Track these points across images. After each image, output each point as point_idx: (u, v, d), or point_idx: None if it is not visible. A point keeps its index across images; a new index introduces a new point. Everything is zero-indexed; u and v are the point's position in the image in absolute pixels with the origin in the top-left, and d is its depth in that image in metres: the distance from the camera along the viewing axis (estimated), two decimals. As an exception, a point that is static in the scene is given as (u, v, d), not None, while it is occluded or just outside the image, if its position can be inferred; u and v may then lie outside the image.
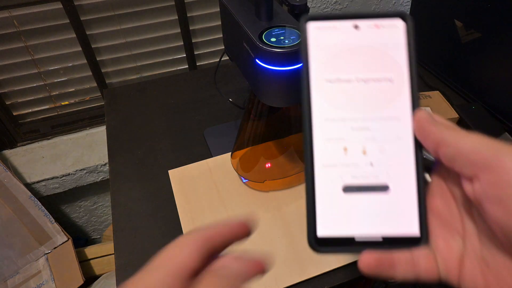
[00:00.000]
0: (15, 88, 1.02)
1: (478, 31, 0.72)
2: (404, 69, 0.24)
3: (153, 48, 1.06)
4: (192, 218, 0.59)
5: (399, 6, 1.16)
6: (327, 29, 0.25)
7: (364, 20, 0.24)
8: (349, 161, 0.24)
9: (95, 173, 1.09)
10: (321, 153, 0.24)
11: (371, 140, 0.24)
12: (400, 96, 0.24)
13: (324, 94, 0.24)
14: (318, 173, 0.24)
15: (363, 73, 0.24)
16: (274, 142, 0.64)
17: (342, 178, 0.24)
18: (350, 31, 0.24)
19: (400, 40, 0.24)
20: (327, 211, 0.24)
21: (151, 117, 0.80)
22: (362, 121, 0.24)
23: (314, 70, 0.24)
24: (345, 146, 0.24)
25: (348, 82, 0.24)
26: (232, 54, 0.62)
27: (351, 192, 0.24)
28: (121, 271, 0.55)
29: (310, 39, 0.25)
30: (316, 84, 0.24)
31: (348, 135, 0.24)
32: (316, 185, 0.24)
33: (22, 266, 0.94)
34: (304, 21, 0.25)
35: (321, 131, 0.24)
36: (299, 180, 0.63)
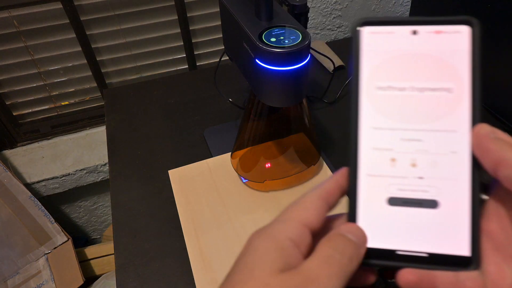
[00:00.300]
0: (15, 88, 1.02)
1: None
2: (465, 79, 0.22)
3: (153, 48, 1.06)
4: (192, 218, 0.59)
5: (399, 6, 1.16)
6: (383, 34, 0.24)
7: (423, 26, 0.23)
8: (397, 173, 0.23)
9: (95, 173, 1.09)
10: (366, 162, 0.23)
11: (422, 152, 0.23)
12: (458, 108, 0.22)
13: (374, 102, 0.23)
14: (362, 182, 0.23)
15: (418, 82, 0.23)
16: (274, 142, 0.64)
17: (388, 189, 0.23)
18: (407, 37, 0.23)
19: (463, 47, 0.22)
20: (369, 222, 0.23)
21: (151, 117, 0.80)
22: (414, 132, 0.23)
23: (365, 76, 0.23)
24: (393, 157, 0.23)
25: (401, 91, 0.23)
26: (232, 54, 0.62)
27: (396, 205, 0.23)
28: (121, 271, 0.55)
29: (363, 44, 0.24)
30: (367, 90, 0.23)
31: (397, 146, 0.23)
32: (359, 194, 0.23)
33: (22, 266, 0.94)
34: (358, 26, 0.24)
35: (368, 139, 0.23)
36: (299, 180, 0.63)
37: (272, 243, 0.21)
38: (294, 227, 0.22)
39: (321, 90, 0.84)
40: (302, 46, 0.45)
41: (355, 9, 1.12)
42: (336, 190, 0.24)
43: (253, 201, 0.61)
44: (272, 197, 0.61)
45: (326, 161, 0.67)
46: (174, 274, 0.54)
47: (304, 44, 0.46)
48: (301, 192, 0.65)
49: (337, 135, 0.74)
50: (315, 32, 1.13)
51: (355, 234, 0.22)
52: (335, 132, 0.74)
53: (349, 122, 0.24)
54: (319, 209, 0.23)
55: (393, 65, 0.23)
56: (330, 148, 0.71)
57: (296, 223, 0.22)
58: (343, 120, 0.77)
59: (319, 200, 0.23)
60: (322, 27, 1.12)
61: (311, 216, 0.22)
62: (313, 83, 0.87)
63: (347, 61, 0.93)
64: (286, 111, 0.59)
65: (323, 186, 0.24)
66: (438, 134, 0.22)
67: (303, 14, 0.65)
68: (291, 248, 0.21)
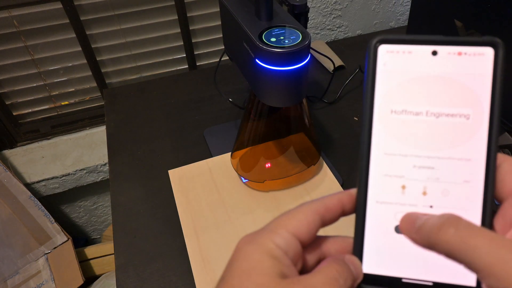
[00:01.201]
0: (15, 88, 1.02)
1: (478, 31, 0.72)
2: (485, 106, 0.21)
3: (153, 48, 1.06)
4: (192, 218, 0.59)
5: (399, 6, 1.16)
6: (400, 53, 0.22)
7: (444, 46, 0.22)
8: (406, 201, 0.22)
9: (95, 173, 1.09)
10: (376, 188, 0.22)
11: (434, 180, 0.22)
12: (475, 136, 0.21)
13: (387, 126, 0.22)
14: (370, 208, 0.23)
15: (435, 107, 0.22)
16: (274, 142, 0.64)
17: (396, 217, 0.22)
18: (426, 58, 0.22)
19: (486, 71, 0.21)
20: (376, 249, 0.22)
21: (151, 117, 0.80)
22: (427, 159, 0.22)
23: (380, 98, 0.22)
24: (404, 184, 0.22)
25: (416, 115, 0.22)
26: (232, 54, 0.62)
27: None
28: (121, 271, 0.55)
29: (378, 64, 0.22)
30: (380, 113, 0.22)
31: (409, 173, 0.22)
32: (367, 221, 0.23)
33: (22, 266, 0.94)
34: (375, 43, 0.22)
35: (379, 165, 0.22)
36: (299, 180, 0.63)
37: (263, 251, 0.21)
38: (284, 236, 0.22)
39: (321, 90, 0.84)
40: (302, 46, 0.45)
41: (355, 9, 1.12)
42: (337, 209, 0.23)
43: (253, 201, 0.61)
44: (272, 197, 0.61)
45: (326, 161, 0.67)
46: (174, 274, 0.54)
47: (304, 44, 0.46)
48: (301, 192, 0.65)
49: (337, 135, 0.74)
50: (315, 32, 1.13)
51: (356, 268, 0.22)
52: (335, 132, 0.74)
53: (360, 146, 0.23)
54: (312, 223, 0.22)
55: (409, 87, 0.22)
56: (330, 148, 0.71)
57: (285, 233, 0.22)
58: (343, 120, 0.77)
59: (314, 214, 0.23)
60: (322, 27, 1.12)
61: (301, 227, 0.22)
62: (313, 83, 0.87)
63: (346, 61, 0.93)
64: (286, 111, 0.59)
65: (322, 200, 0.23)
66: (451, 162, 0.22)
67: (303, 14, 0.65)
68: (283, 256, 0.21)
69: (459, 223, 0.19)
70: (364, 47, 0.99)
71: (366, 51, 0.23)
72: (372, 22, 1.17)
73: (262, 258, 0.21)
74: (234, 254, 0.23)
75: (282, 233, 0.22)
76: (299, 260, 0.22)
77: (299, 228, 0.22)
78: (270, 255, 0.21)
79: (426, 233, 0.20)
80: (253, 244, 0.22)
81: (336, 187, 0.62)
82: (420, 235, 0.20)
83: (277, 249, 0.21)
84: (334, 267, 0.21)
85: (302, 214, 0.23)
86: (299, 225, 0.22)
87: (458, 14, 0.76)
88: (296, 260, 0.22)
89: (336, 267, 0.21)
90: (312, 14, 1.08)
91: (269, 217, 0.59)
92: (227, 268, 0.22)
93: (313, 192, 0.62)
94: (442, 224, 0.19)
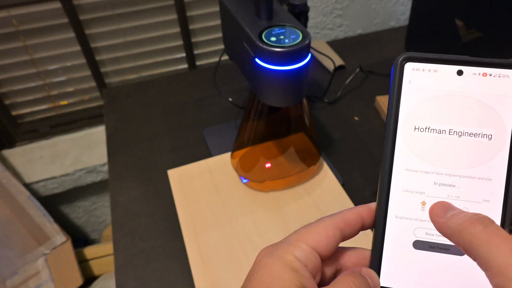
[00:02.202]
0: (14, 88, 1.01)
1: (479, 30, 0.72)
2: (508, 126, 0.22)
3: (152, 48, 1.06)
4: (191, 218, 0.59)
5: (400, 5, 1.15)
6: (426, 71, 0.23)
7: (470, 67, 0.22)
8: (426, 217, 0.22)
9: (94, 173, 1.08)
10: (396, 203, 0.23)
11: (454, 198, 0.22)
12: (497, 156, 0.22)
13: (410, 142, 0.23)
14: (389, 223, 0.23)
15: (458, 126, 0.22)
16: (274, 142, 0.63)
17: (415, 232, 0.23)
18: (451, 77, 0.22)
19: (510, 93, 0.22)
20: (393, 263, 0.23)
21: (151, 117, 0.80)
22: (448, 177, 0.22)
23: (403, 114, 0.23)
24: (424, 201, 0.23)
25: (439, 133, 0.22)
26: (232, 53, 0.61)
27: (422, 249, 0.22)
28: (121, 272, 0.54)
29: (404, 81, 0.23)
30: (403, 130, 0.23)
31: (429, 190, 0.22)
32: (386, 235, 0.23)
33: (21, 266, 0.94)
34: (401, 61, 0.23)
35: (400, 180, 0.23)
36: (299, 180, 0.63)
37: (283, 263, 0.21)
38: (304, 249, 0.22)
39: (321, 90, 0.84)
40: (302, 46, 0.45)
41: (356, 9, 1.11)
42: (356, 223, 0.24)
43: (252, 201, 0.61)
44: (272, 197, 0.61)
45: (326, 160, 0.66)
46: (173, 274, 0.54)
47: (304, 43, 0.45)
48: (301, 192, 0.65)
49: (337, 135, 0.74)
50: (315, 32, 1.13)
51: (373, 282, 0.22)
52: (335, 132, 0.74)
53: (382, 160, 0.23)
54: (332, 237, 0.23)
55: (433, 105, 0.23)
56: (330, 148, 0.71)
57: (305, 246, 0.22)
58: (343, 120, 0.77)
59: (333, 228, 0.23)
60: (322, 26, 1.12)
61: (321, 241, 0.22)
62: (313, 83, 0.87)
63: (347, 60, 0.93)
64: (286, 111, 0.59)
65: (342, 215, 0.24)
66: (472, 181, 0.22)
67: (303, 13, 0.64)
68: (302, 269, 0.21)
69: (491, 224, 0.19)
70: (364, 46, 0.99)
71: (392, 67, 0.23)
72: (373, 22, 1.17)
73: (282, 270, 0.21)
74: (254, 266, 0.23)
75: (302, 246, 0.22)
76: (318, 273, 0.23)
77: (318, 242, 0.22)
78: (290, 267, 0.21)
79: (455, 222, 0.20)
80: (273, 256, 0.22)
81: (336, 187, 0.62)
82: (447, 222, 0.21)
83: (297, 262, 0.21)
84: (351, 280, 0.21)
85: (322, 228, 0.23)
86: (319, 239, 0.22)
87: (459, 13, 0.76)
88: (315, 273, 0.22)
89: (353, 279, 0.22)
90: (312, 14, 1.08)
91: (269, 217, 0.58)
92: (247, 279, 0.22)
93: (313, 192, 0.62)
94: (474, 219, 0.20)
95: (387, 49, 0.97)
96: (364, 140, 0.72)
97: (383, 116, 0.76)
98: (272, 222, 0.58)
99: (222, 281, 0.51)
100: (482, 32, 0.72)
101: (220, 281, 0.51)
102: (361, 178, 0.65)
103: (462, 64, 0.22)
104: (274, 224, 0.57)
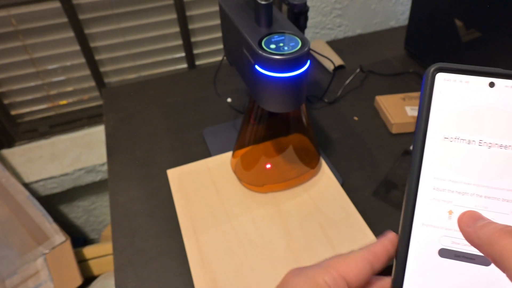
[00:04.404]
0: (13, 88, 1.01)
1: (478, 30, 0.72)
2: None
3: (152, 47, 1.05)
4: (190, 217, 0.59)
5: (399, 5, 1.16)
6: (457, 82, 0.23)
7: (502, 79, 0.22)
8: (453, 226, 0.22)
9: (93, 173, 1.08)
10: (422, 211, 0.23)
11: (481, 208, 0.22)
12: None
13: (439, 151, 0.23)
14: (415, 230, 0.23)
15: (488, 137, 0.22)
16: (273, 145, 0.63)
17: (441, 241, 0.23)
18: (483, 89, 0.22)
19: None
20: (418, 270, 0.23)
21: (150, 117, 0.80)
22: (476, 187, 0.22)
23: (433, 123, 0.23)
24: (451, 210, 0.23)
25: (468, 143, 0.23)
26: (232, 59, 0.62)
27: (447, 257, 0.22)
28: (120, 271, 0.54)
29: (435, 91, 0.23)
30: (432, 139, 0.23)
31: (457, 199, 0.23)
32: (411, 242, 0.23)
33: (20, 266, 0.94)
34: (433, 71, 0.23)
35: (428, 189, 0.23)
36: (298, 181, 0.63)
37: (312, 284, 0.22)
38: (333, 274, 0.22)
39: (321, 90, 0.84)
40: (301, 53, 0.46)
41: (355, 8, 1.11)
42: (384, 255, 0.24)
43: (252, 201, 0.61)
44: (271, 197, 0.61)
45: (325, 160, 0.66)
46: (172, 274, 0.54)
47: (303, 51, 0.46)
48: (300, 192, 0.65)
49: (337, 134, 0.74)
50: (315, 31, 1.13)
51: None
52: (335, 131, 0.74)
53: (410, 168, 0.23)
54: (362, 269, 0.23)
55: (464, 116, 0.23)
56: (330, 148, 0.71)
57: (335, 273, 0.23)
58: (343, 120, 0.77)
59: (364, 260, 0.23)
60: (322, 26, 1.12)
61: (351, 272, 0.23)
62: (313, 82, 0.87)
63: (346, 60, 0.93)
64: (285, 114, 0.59)
65: (370, 248, 0.24)
66: (500, 192, 0.22)
67: (303, 13, 0.64)
68: None
69: None
70: (363, 46, 0.99)
71: (423, 77, 0.23)
72: (372, 21, 1.17)
73: None
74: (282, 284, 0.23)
75: (332, 272, 0.23)
76: None
77: (349, 271, 0.23)
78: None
79: (485, 233, 0.20)
80: (303, 276, 0.23)
81: (336, 187, 0.62)
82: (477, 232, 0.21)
83: (325, 285, 0.22)
84: None
85: (352, 259, 0.23)
86: (349, 269, 0.23)
87: (459, 13, 0.76)
88: None
89: None
90: (312, 13, 1.08)
91: (268, 216, 0.58)
92: None
93: (313, 192, 0.62)
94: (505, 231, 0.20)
95: (386, 49, 0.97)
96: (363, 140, 0.72)
97: (382, 116, 0.76)
98: (271, 222, 0.58)
99: (221, 281, 0.51)
100: (481, 32, 0.72)
101: (220, 280, 0.51)
102: (360, 178, 0.65)
103: (494, 76, 0.22)
104: (273, 224, 0.57)
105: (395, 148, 0.70)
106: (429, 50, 0.87)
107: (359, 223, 0.57)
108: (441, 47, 0.84)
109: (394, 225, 0.57)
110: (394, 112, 0.74)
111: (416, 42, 0.91)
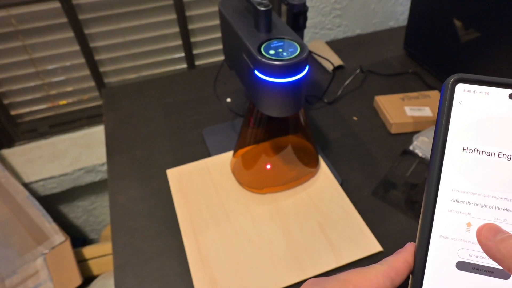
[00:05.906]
0: (13, 88, 1.01)
1: (477, 30, 0.72)
2: None
3: (151, 48, 1.06)
4: (190, 217, 0.59)
5: (398, 6, 1.16)
6: (477, 93, 0.23)
7: None
8: (471, 238, 0.22)
9: (93, 173, 1.08)
10: (441, 223, 0.23)
11: (500, 221, 0.22)
12: None
13: (458, 163, 0.23)
14: (433, 242, 0.23)
15: (508, 149, 0.22)
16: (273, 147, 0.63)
17: (459, 253, 0.22)
18: (503, 100, 0.22)
19: None
20: (435, 283, 0.23)
21: (150, 117, 0.80)
22: (495, 200, 0.22)
23: (452, 135, 0.23)
24: (469, 222, 0.22)
25: (488, 155, 0.22)
26: (232, 63, 0.62)
27: (465, 270, 0.22)
28: (120, 271, 0.54)
29: (454, 102, 0.23)
30: (451, 150, 0.23)
31: (475, 211, 0.22)
32: (429, 254, 0.23)
33: (20, 266, 0.94)
34: (452, 82, 0.23)
35: (446, 200, 0.23)
36: (298, 181, 0.63)
37: None
38: None
39: (320, 90, 0.84)
40: (300, 59, 0.46)
41: (355, 8, 1.12)
42: (405, 270, 0.24)
43: (251, 200, 0.61)
44: (271, 197, 0.61)
45: (325, 160, 0.66)
46: (172, 274, 0.54)
47: (302, 56, 0.47)
48: (299, 191, 0.65)
49: (337, 134, 0.74)
50: (314, 32, 1.13)
51: None
52: (335, 132, 0.74)
53: (428, 179, 0.23)
54: (382, 285, 0.23)
55: (483, 128, 0.23)
56: (329, 148, 0.71)
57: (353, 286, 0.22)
58: (342, 120, 0.77)
59: (384, 277, 0.23)
60: (321, 26, 1.12)
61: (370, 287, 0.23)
62: (313, 83, 0.87)
63: (346, 60, 0.93)
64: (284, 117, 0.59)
65: (391, 264, 0.24)
66: None
67: (302, 13, 0.65)
68: None
69: None
70: (363, 46, 0.99)
71: (443, 87, 0.23)
72: (372, 22, 1.17)
73: None
74: None
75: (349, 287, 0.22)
76: None
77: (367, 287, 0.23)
78: None
79: (506, 247, 0.20)
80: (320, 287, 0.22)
81: (335, 187, 0.62)
82: (498, 245, 0.21)
83: None
84: None
85: (373, 275, 0.23)
86: (369, 285, 0.23)
87: (458, 14, 0.76)
88: None
89: None
90: (312, 14, 1.08)
91: (267, 216, 0.58)
92: None
93: (312, 191, 0.62)
94: None
95: (386, 49, 0.97)
96: (363, 140, 0.72)
97: (382, 116, 0.76)
98: (270, 222, 0.58)
99: (221, 280, 0.51)
100: (480, 32, 0.72)
101: (219, 280, 0.51)
102: (359, 178, 0.65)
103: None
104: (272, 224, 0.58)
105: (394, 148, 0.70)
106: (428, 50, 0.87)
107: (358, 222, 0.57)
108: (440, 47, 0.84)
109: (393, 225, 0.57)
110: (393, 112, 0.74)
111: (415, 42, 0.91)
